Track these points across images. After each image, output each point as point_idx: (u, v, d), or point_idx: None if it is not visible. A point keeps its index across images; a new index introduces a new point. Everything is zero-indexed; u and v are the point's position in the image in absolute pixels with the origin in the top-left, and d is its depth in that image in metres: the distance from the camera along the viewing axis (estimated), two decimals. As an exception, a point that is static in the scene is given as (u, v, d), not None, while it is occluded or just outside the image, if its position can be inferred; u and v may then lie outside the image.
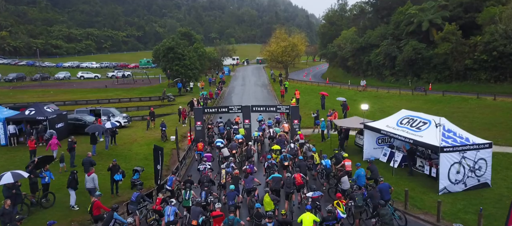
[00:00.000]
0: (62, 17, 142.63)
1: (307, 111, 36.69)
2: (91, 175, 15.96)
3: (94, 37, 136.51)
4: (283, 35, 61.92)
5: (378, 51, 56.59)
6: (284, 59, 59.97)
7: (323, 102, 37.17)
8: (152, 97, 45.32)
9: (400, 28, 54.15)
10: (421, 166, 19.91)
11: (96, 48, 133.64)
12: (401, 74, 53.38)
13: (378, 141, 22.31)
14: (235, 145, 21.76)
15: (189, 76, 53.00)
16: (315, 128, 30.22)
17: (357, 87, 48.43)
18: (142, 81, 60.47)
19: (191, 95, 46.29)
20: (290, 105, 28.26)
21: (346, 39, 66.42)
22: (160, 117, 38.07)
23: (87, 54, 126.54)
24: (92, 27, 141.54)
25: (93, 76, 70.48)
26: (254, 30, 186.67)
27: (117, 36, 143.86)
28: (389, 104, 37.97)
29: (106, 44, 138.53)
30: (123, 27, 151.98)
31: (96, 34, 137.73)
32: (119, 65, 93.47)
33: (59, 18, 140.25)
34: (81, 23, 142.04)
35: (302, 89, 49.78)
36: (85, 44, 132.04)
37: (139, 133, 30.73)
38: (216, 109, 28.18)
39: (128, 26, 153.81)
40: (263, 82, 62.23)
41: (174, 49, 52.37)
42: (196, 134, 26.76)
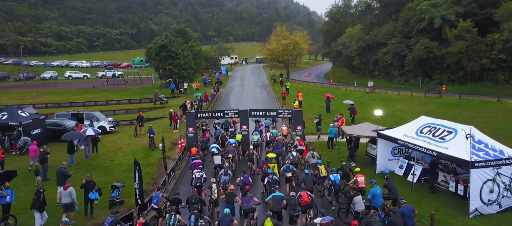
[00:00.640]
0: (52, 13, 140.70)
1: (310, 115, 34.73)
2: (68, 188, 14.41)
3: (85, 35, 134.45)
4: (284, 33, 59.95)
5: (386, 50, 54.71)
6: (285, 59, 58.00)
7: (328, 106, 35.18)
8: (143, 100, 43.33)
9: (410, 26, 52.24)
10: (444, 181, 17.92)
11: (87, 46, 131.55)
12: (411, 75, 51.47)
13: (394, 152, 20.32)
14: (232, 149, 20.45)
15: (183, 76, 51.01)
16: (319, 134, 28.23)
17: (364, 89, 46.47)
18: (134, 82, 58.49)
19: (184, 97, 44.26)
20: (293, 110, 26.26)
21: (351, 37, 64.53)
22: (152, 120, 36.14)
23: (78, 52, 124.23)
24: (83, 24, 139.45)
25: (82, 76, 68.49)
26: (254, 28, 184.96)
27: (110, 34, 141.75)
28: (400, 108, 36.02)
29: (98, 42, 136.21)
30: (117, 24, 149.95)
31: (87, 31, 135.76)
32: (110, 64, 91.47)
33: (49, 15, 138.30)
34: (72, 20, 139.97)
35: (305, 91, 47.78)
36: (76, 42, 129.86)
37: (126, 140, 28.73)
38: (210, 114, 26.16)
39: (121, 24, 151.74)
40: (262, 83, 60.25)
41: (167, 47, 50.40)
42: (187, 141, 24.78)
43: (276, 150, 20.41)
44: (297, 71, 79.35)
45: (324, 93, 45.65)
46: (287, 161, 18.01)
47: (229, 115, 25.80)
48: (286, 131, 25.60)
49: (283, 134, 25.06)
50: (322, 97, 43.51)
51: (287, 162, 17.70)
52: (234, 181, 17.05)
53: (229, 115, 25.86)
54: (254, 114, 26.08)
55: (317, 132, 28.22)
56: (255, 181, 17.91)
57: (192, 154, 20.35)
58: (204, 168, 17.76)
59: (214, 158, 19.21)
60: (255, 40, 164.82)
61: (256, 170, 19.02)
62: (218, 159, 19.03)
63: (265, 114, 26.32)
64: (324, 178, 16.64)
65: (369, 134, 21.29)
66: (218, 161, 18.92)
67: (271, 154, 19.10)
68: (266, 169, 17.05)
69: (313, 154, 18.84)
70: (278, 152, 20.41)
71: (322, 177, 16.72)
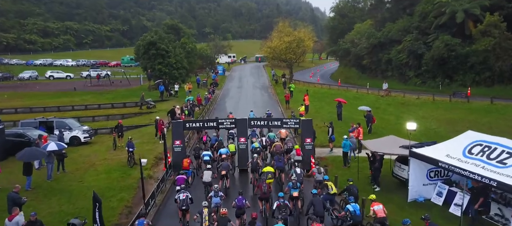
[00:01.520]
0: (38, 9, 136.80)
1: (318, 122, 31.33)
2: (14, 218, 12.37)
3: (73, 31, 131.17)
4: (287, 29, 56.54)
5: (400, 48, 51.47)
6: (288, 57, 54.57)
7: (340, 112, 31.71)
8: (128, 103, 39.86)
9: (428, 21, 48.96)
10: (500, 216, 14.44)
11: (75, 44, 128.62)
12: (428, 76, 48.14)
13: (430, 174, 16.86)
14: (226, 165, 18.34)
15: (174, 77, 47.54)
16: (331, 146, 24.77)
17: (378, 92, 42.98)
18: (121, 83, 55.03)
19: (175, 101, 40.78)
20: (301, 119, 22.78)
21: (360, 33, 61.22)
22: (137, 128, 32.73)
23: (65, 50, 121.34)
24: (71, 20, 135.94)
25: (64, 76, 65.03)
26: (253, 24, 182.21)
27: (100, 31, 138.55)
28: (422, 115, 32.59)
29: (87, 39, 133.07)
30: (107, 20, 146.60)
31: (75, 28, 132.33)
32: (97, 63, 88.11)
33: (35, 10, 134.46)
34: (60, 16, 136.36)
35: (310, 94, 44.37)
36: (63, 39, 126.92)
37: (102, 154, 25.28)
38: (200, 124, 22.64)
39: (112, 20, 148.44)
40: (263, 84, 56.92)
41: (156, 45, 46.94)
42: (174, 157, 21.34)
43: (277, 164, 18.65)
44: (300, 71, 76.02)
45: (334, 97, 42.32)
46: (294, 180, 15.90)
47: (224, 125, 22.43)
48: (285, 134, 24.03)
49: (281, 136, 23.57)
50: (331, 101, 40.13)
51: (293, 180, 15.87)
52: (229, 203, 15.14)
53: (224, 125, 22.46)
54: (254, 124, 22.66)
55: (329, 143, 24.76)
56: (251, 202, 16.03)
57: (184, 167, 18.58)
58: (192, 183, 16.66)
59: (204, 174, 17.27)
60: (254, 37, 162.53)
61: (254, 190, 16.65)
62: (208, 175, 17.10)
63: (267, 123, 22.85)
64: (333, 196, 15.23)
65: (398, 151, 17.81)
66: (208, 177, 17.01)
67: (268, 168, 17.24)
68: (266, 189, 15.24)
69: (319, 169, 17.19)
70: (279, 165, 18.63)
71: (332, 194, 15.22)
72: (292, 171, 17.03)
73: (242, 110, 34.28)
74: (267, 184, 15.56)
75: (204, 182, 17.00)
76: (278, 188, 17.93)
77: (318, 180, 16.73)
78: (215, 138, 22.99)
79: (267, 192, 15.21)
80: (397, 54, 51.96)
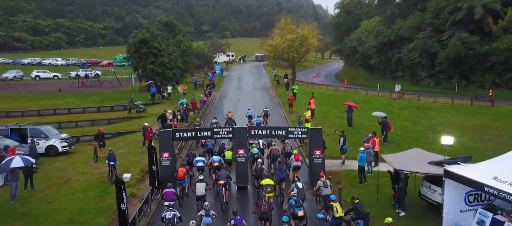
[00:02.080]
0: (28, 5, 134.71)
1: (326, 129, 28.78)
2: None
3: (64, 29, 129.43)
4: (290, 26, 53.91)
5: (411, 47, 49.09)
6: (290, 56, 51.95)
7: (350, 117, 29.14)
8: (116, 107, 37.37)
9: (442, 17, 46.48)
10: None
11: (67, 42, 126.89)
12: (443, 77, 45.69)
13: (468, 199, 14.22)
14: (224, 174, 16.81)
15: (167, 77, 44.96)
16: (343, 158, 22.20)
17: (390, 94, 40.36)
18: (110, 84, 52.48)
19: (168, 105, 38.20)
20: (309, 128, 20.19)
21: (368, 31, 58.70)
22: (124, 135, 30.19)
23: (56, 49, 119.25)
24: (63, 17, 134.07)
25: (51, 76, 62.44)
26: (253, 22, 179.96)
27: (93, 28, 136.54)
28: (441, 121, 30.04)
29: (79, 37, 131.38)
30: (100, 17, 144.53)
31: (67, 25, 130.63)
32: (89, 62, 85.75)
33: (25, 6, 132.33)
34: (51, 13, 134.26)
35: (315, 96, 41.87)
36: (54, 37, 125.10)
37: (81, 166, 22.75)
38: (192, 133, 20.02)
39: (106, 17, 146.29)
40: (264, 85, 54.42)
41: (148, 43, 44.38)
42: (162, 171, 18.77)
43: (279, 175, 17.09)
44: (302, 70, 73.39)
45: (341, 100, 39.91)
46: (294, 196, 14.19)
47: (220, 134, 19.87)
48: None
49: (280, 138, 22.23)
50: (338, 105, 37.66)
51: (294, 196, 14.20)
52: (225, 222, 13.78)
53: (220, 135, 19.89)
54: (255, 134, 20.10)
55: (341, 154, 22.19)
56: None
57: (179, 177, 17.10)
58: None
59: (197, 186, 15.51)
60: (254, 35, 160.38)
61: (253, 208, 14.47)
62: (201, 187, 15.37)
63: (270, 133, 20.26)
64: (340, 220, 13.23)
65: (428, 169, 15.21)
66: (201, 190, 15.31)
67: (267, 180, 15.68)
68: (266, 207, 13.56)
69: (326, 182, 15.36)
70: (281, 177, 17.08)
71: (338, 218, 13.15)
72: (292, 185, 15.21)
73: (241, 113, 32.01)
74: (267, 201, 13.92)
75: (197, 195, 15.29)
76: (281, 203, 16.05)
77: (325, 195, 14.97)
78: (211, 143, 21.52)
79: (268, 211, 13.56)
80: (408, 53, 49.50)
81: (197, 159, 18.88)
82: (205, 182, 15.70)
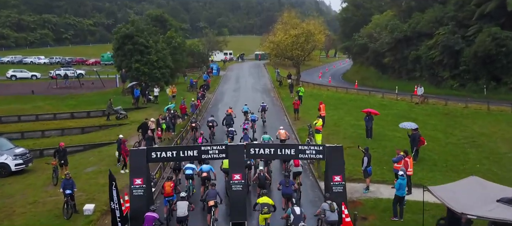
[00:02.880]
0: (14, 0, 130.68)
1: (340, 141, 24.69)
2: None
3: (51, 25, 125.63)
4: (294, 20, 49.67)
5: (431, 43, 45.15)
6: (295, 54, 47.70)
7: (370, 126, 24.95)
8: (93, 112, 33.14)
9: (467, 9, 42.55)
10: None
11: (54, 39, 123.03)
12: (469, 77, 41.68)
13: None
14: (213, 193, 14.54)
15: (155, 78, 40.80)
16: (368, 183, 18.03)
17: (411, 98, 36.10)
18: (92, 85, 48.26)
19: (154, 109, 34.04)
20: (325, 146, 15.94)
21: (380, 26, 54.56)
22: (98, 148, 26.01)
23: (42, 46, 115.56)
24: (50, 13, 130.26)
25: (29, 76, 58.12)
26: (252, 18, 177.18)
27: (82, 25, 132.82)
28: (479, 131, 25.87)
29: (67, 34, 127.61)
30: (90, 13, 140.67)
31: (54, 21, 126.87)
32: (74, 60, 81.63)
33: (9, 1, 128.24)
34: (37, 8, 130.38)
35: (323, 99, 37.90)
36: (40, 34, 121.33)
37: (34, 192, 18.65)
38: (172, 153, 15.76)
39: (96, 13, 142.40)
40: (264, 86, 50.38)
41: (133, 38, 40.19)
42: (132, 203, 14.69)
43: (285, 190, 15.14)
44: (306, 70, 69.39)
45: (353, 104, 35.95)
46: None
47: (211, 153, 15.72)
48: (285, 135, 21.63)
49: (281, 138, 21.25)
50: (351, 110, 33.67)
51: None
52: None
53: (210, 155, 15.72)
54: (255, 153, 15.91)
55: (365, 178, 18.01)
56: None
57: (166, 193, 15.16)
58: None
59: (178, 205, 13.99)
60: (253, 33, 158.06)
61: None
62: (183, 207, 13.79)
63: (275, 152, 16.01)
64: None
65: (503, 214, 10.96)
66: (183, 210, 13.70)
67: (265, 198, 13.85)
68: None
69: (332, 205, 13.31)
70: (287, 192, 15.15)
71: None
72: (289, 210, 13.34)
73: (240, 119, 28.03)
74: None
75: (178, 217, 13.62)
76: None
77: (331, 221, 12.93)
78: None
79: None
80: (427, 51, 45.44)
81: (187, 166, 17.14)
82: (187, 201, 14.00)
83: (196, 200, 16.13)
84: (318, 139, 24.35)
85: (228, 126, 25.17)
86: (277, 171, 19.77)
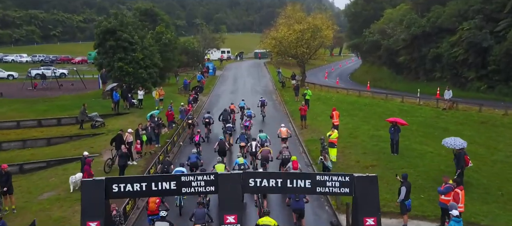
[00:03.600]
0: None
1: (359, 158, 20.91)
2: None
3: (39, 21, 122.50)
4: (299, 14, 45.53)
5: (454, 40, 41.33)
6: (299, 52, 43.58)
7: (396, 140, 20.82)
8: (64, 119, 29.04)
9: (497, 2, 38.83)
10: None
11: (41, 36, 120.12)
12: (498, 78, 37.80)
13: None
14: (201, 214, 12.84)
15: (141, 79, 36.80)
16: (406, 220, 14.02)
17: (436, 103, 31.90)
18: (72, 86, 44.33)
19: (136, 116, 29.95)
20: (353, 177, 11.86)
21: (394, 21, 50.58)
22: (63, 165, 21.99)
23: (28, 43, 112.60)
24: (37, 8, 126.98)
25: (5, 75, 54.31)
26: (252, 15, 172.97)
27: (71, 21, 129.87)
28: (529, 145, 21.73)
29: (55, 31, 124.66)
30: (80, 9, 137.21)
31: (41, 17, 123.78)
32: (58, 59, 78.40)
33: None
34: (23, 3, 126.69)
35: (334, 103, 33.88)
36: (26, 30, 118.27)
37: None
38: (141, 186, 11.68)
39: (86, 9, 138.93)
40: (265, 88, 46.44)
41: (116, 33, 36.19)
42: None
43: (295, 204, 13.26)
44: (309, 69, 65.05)
45: (370, 110, 31.97)
46: None
47: (192, 187, 11.75)
48: (286, 133, 21.47)
49: (282, 136, 21.20)
50: (368, 117, 29.79)
51: None
52: None
53: (194, 188, 11.76)
54: (255, 185, 11.93)
55: (403, 213, 13.97)
56: None
57: (150, 210, 13.63)
58: None
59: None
60: (253, 30, 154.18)
61: None
62: None
63: (283, 183, 11.93)
64: None
65: None
66: None
67: (266, 219, 11.91)
68: None
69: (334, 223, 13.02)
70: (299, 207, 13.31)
71: None
72: None
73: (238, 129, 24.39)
74: None
75: None
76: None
77: None
78: (195, 156, 17.78)
79: None
80: (449, 48, 41.48)
81: (176, 169, 15.85)
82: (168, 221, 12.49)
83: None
84: (332, 154, 20.37)
85: (225, 122, 24.76)
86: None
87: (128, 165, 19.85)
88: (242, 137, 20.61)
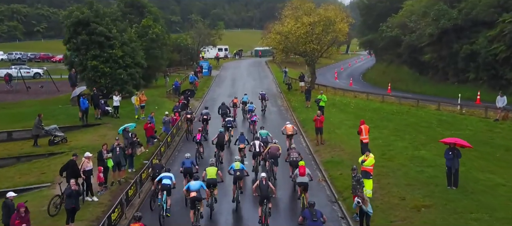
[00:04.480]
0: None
1: (404, 192, 15.68)
2: None
3: (21, 16, 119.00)
4: (308, 4, 40.22)
5: (493, 35, 36.14)
6: (309, 49, 38.30)
7: (456, 168, 15.48)
8: (16, 133, 23.73)
9: (546, -12, 33.34)
10: None
11: (24, 32, 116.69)
12: (550, 81, 32.44)
13: None
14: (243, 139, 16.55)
15: (120, 80, 31.60)
16: None
17: (485, 111, 26.42)
18: (41, 88, 39.35)
19: (110, 128, 24.63)
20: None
21: (415, 14, 45.50)
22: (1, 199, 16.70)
23: (10, 40, 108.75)
24: (20, 2, 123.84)
25: (-32, 76, 49.11)
26: (251, 11, 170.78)
27: (56, 16, 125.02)
28: None
29: (39, 27, 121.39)
30: (67, 4, 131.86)
31: (25, 12, 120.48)
32: (37, 57, 75.10)
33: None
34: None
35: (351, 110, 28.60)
36: (8, 26, 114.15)
37: None
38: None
39: (73, 3, 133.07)
40: (268, 91, 41.31)
41: (90, 26, 30.97)
42: None
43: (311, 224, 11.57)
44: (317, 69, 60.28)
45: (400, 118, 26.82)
46: None
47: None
48: (292, 129, 20.56)
49: (288, 133, 20.29)
50: (401, 130, 24.41)
51: None
52: None
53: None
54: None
55: None
56: None
57: None
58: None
59: None
60: (253, 27, 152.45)
61: None
62: None
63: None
64: None
65: None
66: None
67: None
68: None
69: None
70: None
71: None
72: None
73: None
74: None
75: None
76: None
77: None
78: (190, 161, 16.36)
79: None
80: (487, 45, 36.33)
81: (163, 175, 14.69)
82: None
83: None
84: (368, 188, 15.10)
85: (225, 116, 24.42)
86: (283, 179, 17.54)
87: (86, 202, 14.74)
88: (242, 138, 19.43)
